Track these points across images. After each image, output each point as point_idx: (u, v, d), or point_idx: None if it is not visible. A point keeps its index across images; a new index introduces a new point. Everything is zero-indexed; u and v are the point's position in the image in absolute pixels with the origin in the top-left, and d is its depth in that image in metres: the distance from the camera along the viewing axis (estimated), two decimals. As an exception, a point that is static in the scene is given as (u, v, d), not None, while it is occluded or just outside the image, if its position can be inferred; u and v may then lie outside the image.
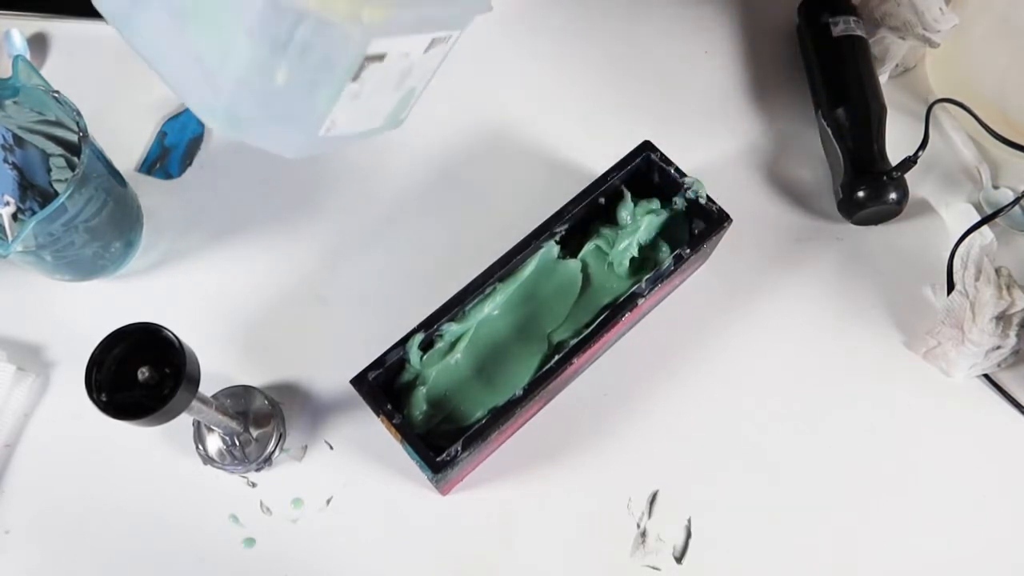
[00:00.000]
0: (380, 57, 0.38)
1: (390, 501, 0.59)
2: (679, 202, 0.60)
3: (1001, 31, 0.63)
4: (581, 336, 0.54)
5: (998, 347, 0.61)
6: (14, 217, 0.61)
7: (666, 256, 0.58)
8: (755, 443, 0.60)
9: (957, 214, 0.66)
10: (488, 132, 0.69)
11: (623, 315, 0.55)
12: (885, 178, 0.63)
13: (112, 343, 0.45)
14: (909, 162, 0.63)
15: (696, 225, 0.61)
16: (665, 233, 0.61)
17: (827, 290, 0.65)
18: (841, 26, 0.69)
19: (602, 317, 0.55)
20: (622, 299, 0.55)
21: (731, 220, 0.58)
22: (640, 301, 0.55)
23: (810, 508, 0.59)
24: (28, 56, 0.71)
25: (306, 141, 0.40)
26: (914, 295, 0.65)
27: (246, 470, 0.59)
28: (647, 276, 0.56)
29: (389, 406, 0.52)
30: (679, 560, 0.58)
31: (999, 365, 0.62)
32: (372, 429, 0.56)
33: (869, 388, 0.62)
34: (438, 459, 0.51)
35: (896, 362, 0.63)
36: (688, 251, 0.57)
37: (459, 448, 0.51)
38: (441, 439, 0.53)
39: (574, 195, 0.59)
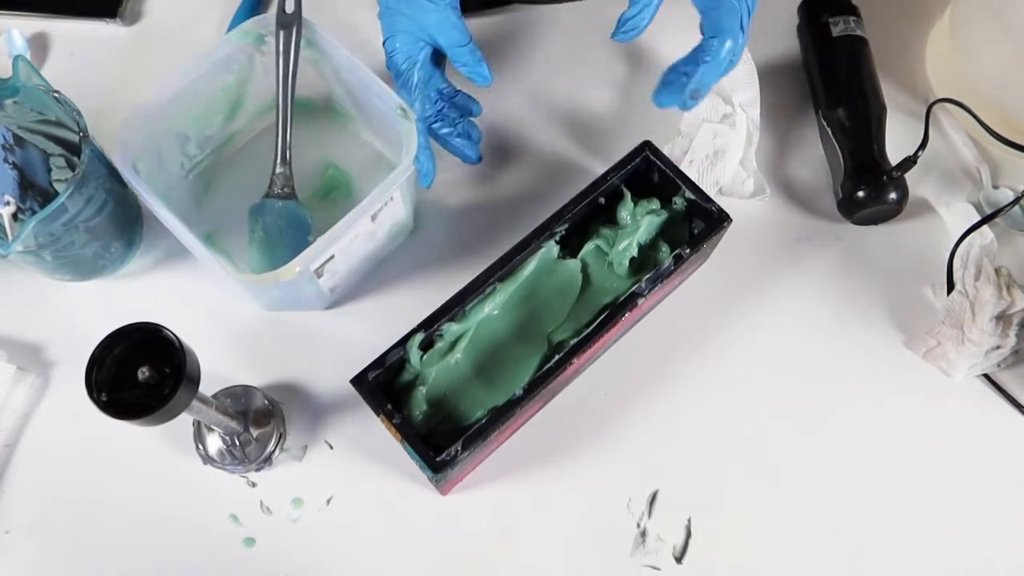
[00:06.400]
0: (329, 259, 0.56)
1: (390, 501, 0.59)
2: (679, 202, 0.60)
3: (1001, 31, 0.63)
4: (581, 336, 0.54)
5: (998, 347, 0.61)
6: (14, 217, 0.61)
7: (666, 256, 0.58)
8: (755, 443, 0.60)
9: (957, 214, 0.66)
10: (488, 132, 0.69)
11: (623, 315, 0.55)
12: (885, 178, 0.63)
13: (112, 343, 0.45)
14: (909, 162, 0.63)
15: (696, 225, 0.61)
16: (665, 233, 0.61)
17: (827, 290, 0.65)
18: (841, 26, 0.69)
19: (602, 317, 0.55)
20: (622, 299, 0.55)
21: (731, 220, 0.58)
22: (640, 301, 0.55)
23: (810, 508, 0.59)
24: (28, 56, 0.71)
25: (322, 304, 0.63)
26: (914, 295, 0.65)
27: (246, 470, 0.59)
28: (647, 276, 0.56)
29: (389, 406, 0.52)
30: (679, 560, 0.58)
31: (999, 365, 0.62)
32: (372, 429, 0.56)
33: (869, 388, 0.62)
34: (438, 459, 0.51)
35: (896, 362, 0.63)
36: (688, 251, 0.57)
37: (459, 448, 0.51)
38: (441, 439, 0.53)
39: (574, 195, 0.59)
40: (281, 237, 0.61)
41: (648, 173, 0.61)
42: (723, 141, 0.64)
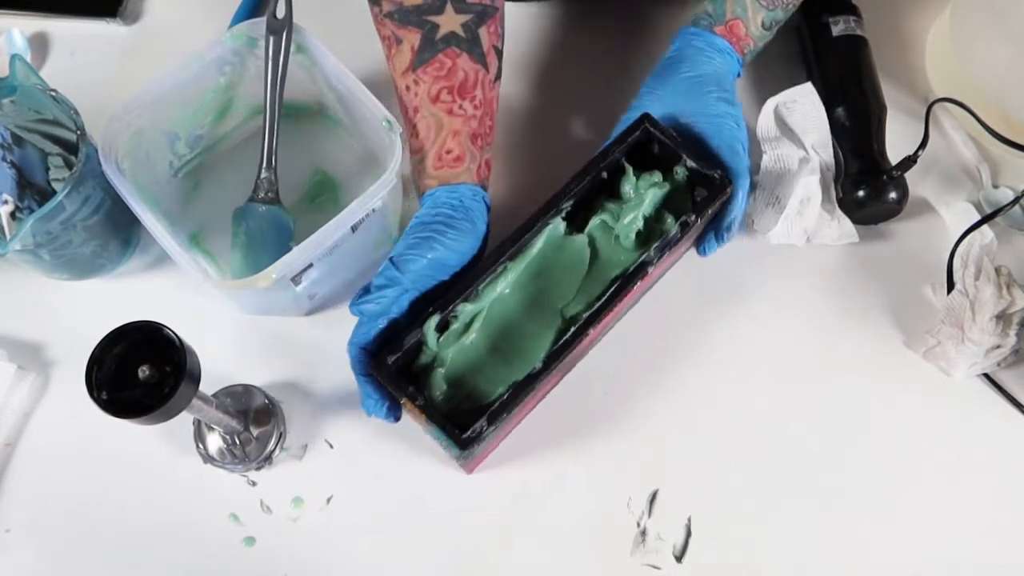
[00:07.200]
0: (308, 267, 0.55)
1: (390, 500, 0.59)
2: (680, 172, 0.60)
3: (1001, 31, 0.63)
4: (595, 307, 0.55)
5: (998, 346, 0.61)
6: (12, 216, 0.61)
7: (671, 227, 0.58)
8: (755, 443, 0.60)
9: (957, 213, 0.66)
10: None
11: (634, 283, 0.55)
12: (885, 177, 0.63)
13: (112, 341, 0.45)
14: (909, 161, 0.63)
15: (698, 193, 0.61)
16: (668, 204, 0.60)
17: (827, 290, 0.65)
18: (841, 26, 0.69)
19: (615, 286, 0.55)
20: (633, 268, 0.56)
21: (732, 184, 0.58)
22: (650, 269, 0.55)
23: (809, 507, 0.59)
24: (29, 55, 0.71)
25: (301, 311, 0.63)
26: (914, 295, 0.65)
27: (246, 469, 0.59)
28: (655, 244, 0.56)
29: (411, 388, 0.52)
30: (679, 559, 0.58)
31: (999, 364, 0.62)
32: (372, 427, 0.56)
33: (869, 388, 0.62)
34: (464, 436, 0.51)
35: (896, 362, 0.63)
36: (694, 217, 0.57)
37: (484, 423, 0.51)
38: (461, 419, 0.53)
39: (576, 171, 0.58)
40: (263, 242, 0.61)
41: (648, 145, 0.61)
42: (809, 187, 0.62)
